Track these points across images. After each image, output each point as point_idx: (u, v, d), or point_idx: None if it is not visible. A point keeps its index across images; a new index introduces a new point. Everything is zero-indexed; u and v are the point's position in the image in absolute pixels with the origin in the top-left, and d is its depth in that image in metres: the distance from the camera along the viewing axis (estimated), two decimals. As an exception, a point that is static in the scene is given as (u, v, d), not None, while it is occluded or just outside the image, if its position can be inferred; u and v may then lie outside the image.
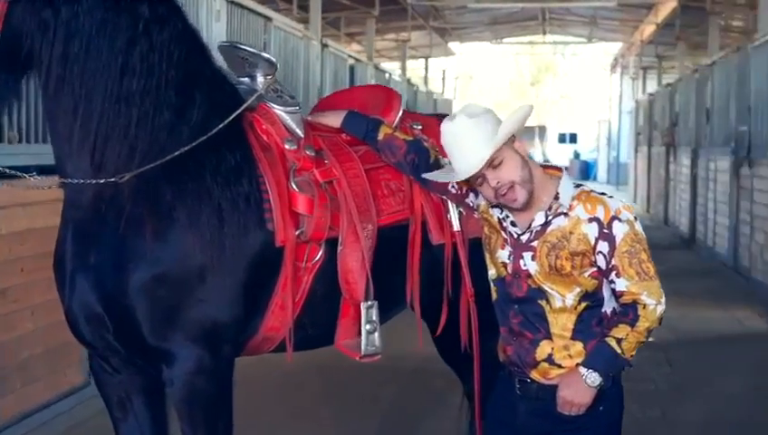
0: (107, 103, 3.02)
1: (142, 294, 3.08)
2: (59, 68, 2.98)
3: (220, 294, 3.16)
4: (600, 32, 30.01)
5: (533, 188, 2.97)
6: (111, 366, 3.32)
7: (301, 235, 3.29)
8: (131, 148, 3.07)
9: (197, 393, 3.17)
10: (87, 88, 3.00)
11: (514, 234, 3.05)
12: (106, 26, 3.00)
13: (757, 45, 11.52)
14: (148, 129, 3.08)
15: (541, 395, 3.02)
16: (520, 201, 2.96)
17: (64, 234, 3.24)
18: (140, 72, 3.05)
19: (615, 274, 2.92)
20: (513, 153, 2.97)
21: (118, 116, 3.04)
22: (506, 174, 2.94)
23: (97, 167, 3.06)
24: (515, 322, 3.05)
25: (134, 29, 3.03)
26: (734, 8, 19.40)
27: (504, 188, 2.94)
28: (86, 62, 2.98)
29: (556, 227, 2.97)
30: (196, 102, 3.19)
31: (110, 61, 3.01)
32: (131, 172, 3.06)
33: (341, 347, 3.44)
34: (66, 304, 3.21)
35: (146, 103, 3.06)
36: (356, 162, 3.47)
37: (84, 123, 3.02)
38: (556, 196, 2.99)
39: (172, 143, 3.12)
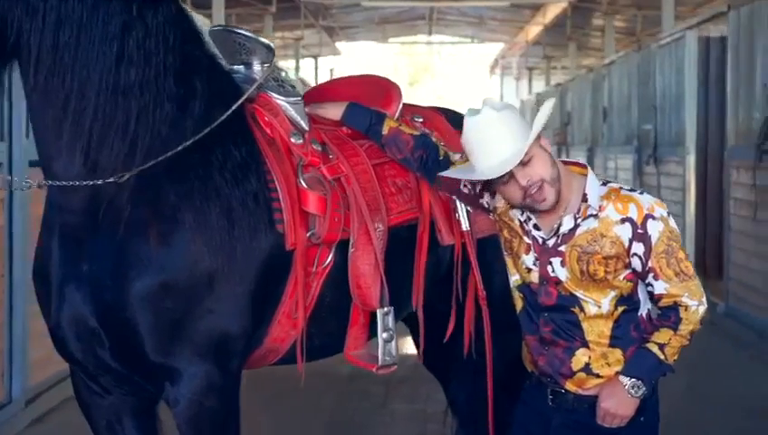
0: (102, 96, 2.70)
1: (146, 305, 2.76)
2: (49, 58, 2.64)
3: (230, 303, 2.86)
4: (484, 32, 30.28)
5: (561, 188, 2.77)
6: (101, 386, 2.98)
7: (312, 236, 3.01)
8: (131, 144, 2.76)
9: (206, 413, 2.86)
10: (80, 79, 2.68)
11: (539, 238, 2.84)
12: (98, 10, 2.68)
13: (663, 44, 11.68)
14: (149, 122, 2.77)
15: (577, 407, 2.83)
16: (549, 201, 2.76)
17: (48, 241, 2.88)
18: (137, 60, 2.74)
19: (653, 276, 2.75)
20: (542, 150, 2.76)
21: (115, 109, 2.72)
22: (537, 171, 2.72)
23: (92, 166, 2.74)
24: (546, 330, 2.84)
25: (128, 13, 2.72)
26: (626, 9, 19.75)
27: (535, 186, 2.72)
28: (78, 50, 2.66)
29: (586, 230, 2.78)
30: (197, 92, 2.89)
31: (104, 49, 2.69)
32: (132, 171, 2.74)
33: (353, 358, 3.16)
34: (53, 320, 2.86)
35: (145, 95, 2.75)
36: (362, 157, 3.20)
37: (77, 119, 2.69)
38: (584, 197, 2.80)
39: (175, 138, 2.82)
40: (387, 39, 31.33)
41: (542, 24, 23.84)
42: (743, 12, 8.85)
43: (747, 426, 5.63)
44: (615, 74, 14.55)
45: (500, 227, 3.00)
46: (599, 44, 27.45)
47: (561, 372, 2.83)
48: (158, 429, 3.13)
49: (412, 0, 22.49)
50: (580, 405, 2.82)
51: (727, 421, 5.79)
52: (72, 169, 2.74)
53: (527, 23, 25.74)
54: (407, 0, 22.38)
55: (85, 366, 2.93)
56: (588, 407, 2.80)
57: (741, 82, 8.90)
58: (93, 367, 2.91)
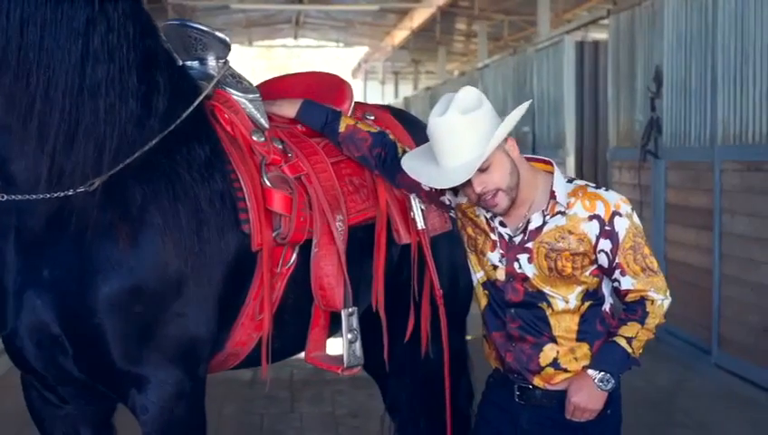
0: (68, 96, 2.56)
1: (114, 310, 2.63)
2: (14, 58, 2.50)
3: (199, 306, 2.76)
4: (350, 36, 30.38)
5: (517, 195, 2.76)
6: (58, 397, 2.83)
7: (277, 236, 2.93)
8: (99, 146, 2.63)
9: (176, 421, 2.76)
10: (45, 79, 2.53)
11: (506, 235, 2.84)
12: (62, 6, 2.54)
13: (540, 48, 11.95)
14: (115, 122, 2.64)
15: (545, 402, 2.83)
16: (501, 207, 2.75)
17: (1, 245, 2.71)
18: (102, 56, 2.61)
19: (620, 272, 2.77)
20: (504, 156, 2.73)
21: (83, 111, 2.59)
22: (493, 180, 2.71)
23: (58, 171, 2.60)
24: (514, 326, 2.84)
25: (91, 7, 2.58)
26: (494, 14, 20.17)
27: (489, 194, 2.72)
28: (43, 49, 2.52)
29: (553, 227, 2.78)
30: (159, 89, 2.77)
31: (68, 46, 2.56)
32: (102, 176, 2.62)
33: (315, 360, 3.08)
34: (8, 328, 2.70)
35: (110, 93, 2.62)
36: (321, 156, 3.13)
37: (43, 121, 2.55)
38: (552, 194, 2.80)
39: (140, 137, 2.70)
40: (252, 42, 31.06)
41: (410, 29, 24.07)
42: (622, 17, 9.14)
43: (647, 417, 5.83)
44: (489, 78, 14.81)
45: (462, 225, 2.98)
46: (464, 49, 28.00)
47: (528, 368, 2.83)
48: None
49: (281, 3, 22.34)
50: (549, 401, 2.82)
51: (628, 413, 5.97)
52: (36, 174, 2.60)
53: (394, 27, 25.95)
54: (275, 3, 22.21)
55: (43, 376, 2.78)
56: (556, 402, 2.81)
57: (621, 85, 9.19)
58: (53, 377, 2.77)
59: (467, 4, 19.63)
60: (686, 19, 7.70)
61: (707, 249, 7.21)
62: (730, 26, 6.92)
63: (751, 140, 6.68)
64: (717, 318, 7.06)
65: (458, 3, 19.70)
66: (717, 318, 7.06)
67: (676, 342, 7.54)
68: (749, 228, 6.66)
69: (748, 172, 6.68)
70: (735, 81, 6.86)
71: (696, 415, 6.08)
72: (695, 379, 6.96)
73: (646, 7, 8.54)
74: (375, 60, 33.84)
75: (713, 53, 7.17)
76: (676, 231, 7.91)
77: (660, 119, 8.04)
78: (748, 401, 6.40)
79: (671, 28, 7.93)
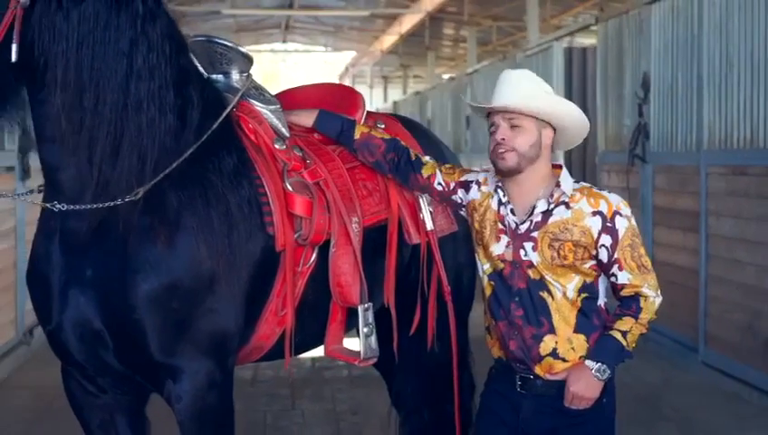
0: (115, 112, 2.79)
1: (153, 306, 2.85)
2: (71, 78, 2.72)
3: (228, 302, 2.98)
4: (339, 41, 30.58)
5: (525, 167, 3.01)
6: (97, 387, 3.05)
7: (299, 238, 3.15)
8: (142, 158, 2.85)
9: (208, 409, 2.97)
10: (95, 97, 2.76)
11: (513, 223, 3.06)
12: (110, 29, 2.77)
13: (529, 54, 12.19)
14: (155, 135, 2.87)
15: (545, 391, 3.04)
16: (507, 165, 3.01)
17: (47, 246, 2.93)
18: (144, 74, 2.84)
19: (617, 267, 3.00)
20: (535, 131, 3.01)
21: (127, 125, 2.82)
22: (516, 140, 2.99)
23: (104, 181, 2.83)
24: (517, 315, 3.05)
25: (134, 28, 2.82)
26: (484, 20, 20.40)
27: (504, 148, 2.98)
28: (95, 69, 2.75)
29: (558, 219, 3.02)
30: (193, 103, 3.00)
31: (116, 66, 2.79)
32: (145, 186, 2.84)
33: (335, 353, 3.31)
34: (54, 323, 2.91)
35: (151, 108, 2.85)
36: (338, 162, 3.36)
37: (92, 135, 2.78)
38: (557, 184, 3.05)
39: (177, 148, 2.93)
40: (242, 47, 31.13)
41: (399, 34, 24.29)
42: (610, 24, 9.38)
43: (637, 412, 6.04)
44: (479, 83, 15.04)
45: (472, 220, 3.21)
46: (452, 54, 28.22)
47: (530, 357, 3.04)
48: (147, 427, 3.21)
49: (272, 9, 22.52)
50: (549, 390, 3.03)
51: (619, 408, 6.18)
52: (82, 182, 2.82)
53: (383, 32, 26.17)
54: (268, 9, 22.39)
55: (84, 367, 2.99)
56: (556, 391, 3.02)
57: (609, 91, 9.42)
58: (94, 368, 2.98)
59: (456, 10, 19.86)
60: (672, 27, 7.93)
61: (694, 250, 7.43)
62: (715, 35, 7.14)
63: (735, 145, 6.91)
64: (704, 317, 7.27)
65: (447, 9, 19.94)
66: (704, 317, 7.27)
67: (664, 340, 7.75)
68: (734, 230, 6.87)
69: (733, 176, 6.90)
70: (720, 87, 7.08)
71: (683, 410, 6.31)
72: (682, 375, 7.19)
73: (633, 15, 8.77)
74: (363, 64, 34.03)
75: (698, 60, 7.40)
76: (663, 233, 8.13)
77: (648, 124, 8.27)
78: (733, 396, 6.65)
79: (658, 36, 8.16)
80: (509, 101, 2.99)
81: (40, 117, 2.81)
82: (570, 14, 19.23)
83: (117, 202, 2.82)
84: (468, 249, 3.63)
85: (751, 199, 6.63)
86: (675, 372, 7.25)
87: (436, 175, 3.34)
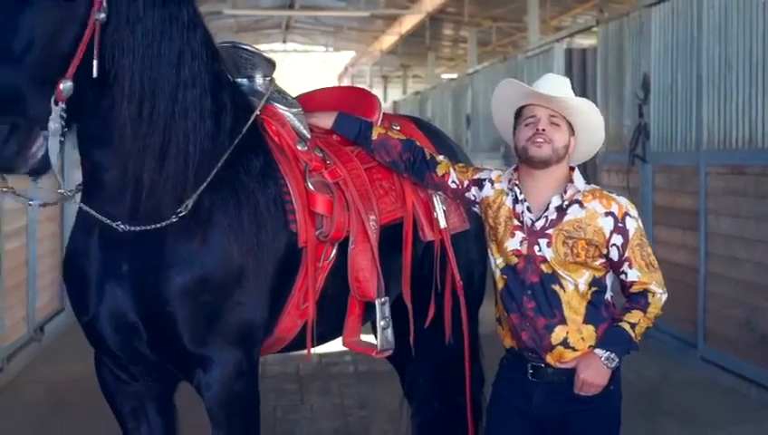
0: (166, 120, 2.94)
1: (185, 299, 3.00)
2: (138, 89, 2.87)
3: (255, 296, 3.13)
4: (339, 41, 30.72)
5: (555, 162, 3.17)
6: (129, 375, 3.20)
7: (320, 235, 3.30)
8: (186, 163, 3.00)
9: (235, 397, 3.13)
10: (151, 106, 2.90)
11: (528, 220, 3.21)
12: (165, 40, 2.91)
13: (530, 56, 12.33)
14: (197, 141, 3.02)
15: (556, 379, 3.19)
16: (542, 153, 3.15)
17: (84, 241, 3.08)
18: (189, 82, 2.98)
19: (627, 265, 3.16)
20: (567, 134, 3.19)
21: (176, 132, 2.96)
22: (554, 135, 3.15)
23: (151, 186, 2.97)
24: (529, 307, 3.20)
25: (182, 39, 2.96)
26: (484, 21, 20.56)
27: (541, 137, 3.14)
28: (153, 79, 2.89)
29: (573, 218, 3.17)
30: (226, 108, 3.15)
31: (168, 75, 2.93)
32: (192, 198, 3.01)
33: (352, 345, 3.46)
34: (90, 314, 3.06)
35: (194, 115, 3.00)
36: (356, 162, 3.51)
37: (146, 142, 2.92)
38: (571, 180, 3.22)
39: (214, 152, 3.08)
40: (242, 47, 31.23)
41: (398, 34, 24.45)
42: (611, 26, 9.52)
43: (638, 406, 6.18)
44: (479, 83, 15.19)
45: (485, 217, 3.36)
46: (451, 54, 28.36)
47: (542, 346, 3.19)
48: (175, 414, 3.37)
49: (273, 9, 22.66)
50: (559, 377, 3.18)
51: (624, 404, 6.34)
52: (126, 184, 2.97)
53: (383, 32, 26.32)
54: (269, 9, 22.53)
55: (118, 357, 3.14)
56: (566, 379, 3.17)
57: (610, 92, 9.56)
58: (127, 357, 3.13)
59: (456, 11, 20.01)
60: (672, 29, 8.07)
61: (693, 248, 7.58)
62: (714, 37, 7.29)
63: (734, 146, 7.06)
64: (703, 313, 7.43)
65: (447, 9, 20.09)
66: (703, 313, 7.43)
67: (664, 337, 7.90)
68: (732, 228, 7.02)
69: (731, 175, 7.05)
70: (719, 89, 7.23)
71: (682, 404, 6.47)
72: (681, 371, 7.35)
73: (634, 17, 8.91)
74: (362, 64, 34.16)
75: (698, 62, 7.54)
76: (663, 232, 8.27)
77: (648, 124, 8.41)
78: (731, 390, 6.81)
79: (658, 38, 8.30)
80: (566, 96, 3.18)
81: (101, 124, 2.90)
82: (569, 15, 19.38)
83: (171, 220, 2.98)
84: (479, 246, 3.78)
85: (749, 198, 6.78)
86: (674, 368, 7.40)
87: (450, 173, 3.49)
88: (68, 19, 2.69)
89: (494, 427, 3.32)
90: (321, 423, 6.10)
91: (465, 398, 3.86)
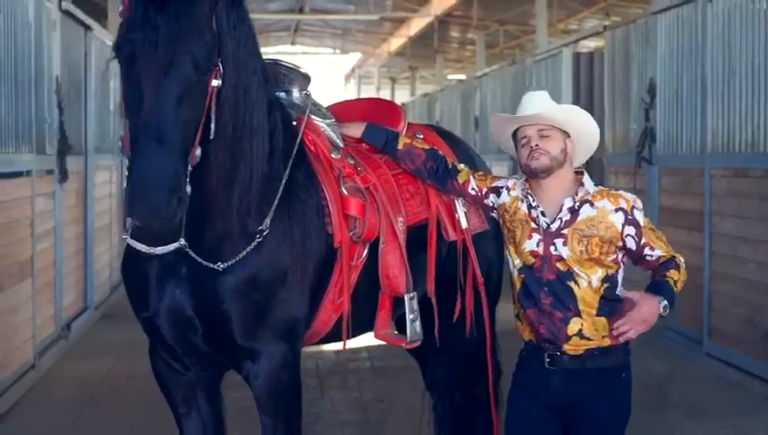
0: (249, 157, 3.30)
1: (238, 299, 3.30)
2: (231, 137, 3.20)
3: (298, 293, 3.42)
4: (347, 43, 30.97)
5: (556, 169, 3.44)
6: (183, 365, 3.48)
7: (353, 235, 3.58)
8: (256, 190, 3.33)
9: (281, 386, 3.42)
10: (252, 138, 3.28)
11: (544, 224, 3.48)
12: (250, 92, 3.24)
13: (538, 59, 12.58)
14: (259, 160, 3.33)
15: (571, 366, 3.45)
16: (542, 163, 3.43)
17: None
18: (258, 105, 3.30)
19: (649, 248, 3.45)
20: (561, 140, 3.45)
21: (258, 157, 3.32)
22: (547, 146, 3.42)
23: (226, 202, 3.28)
24: (546, 302, 3.46)
25: (262, 89, 3.30)
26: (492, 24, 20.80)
27: (538, 151, 3.42)
28: (243, 127, 3.25)
29: (586, 217, 3.44)
30: (277, 127, 3.44)
31: (252, 121, 3.28)
32: (269, 216, 3.35)
33: (384, 336, 3.74)
34: (151, 310, 3.35)
35: (258, 137, 3.32)
36: (384, 169, 3.79)
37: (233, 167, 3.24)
38: (581, 184, 3.49)
39: (271, 170, 3.39)
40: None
41: (407, 36, 24.70)
42: (617, 32, 9.77)
43: (646, 400, 6.42)
44: (488, 86, 15.44)
45: (503, 221, 3.63)
46: (459, 56, 28.59)
47: (559, 337, 3.45)
48: (221, 401, 3.68)
49: (285, 13, 22.92)
50: (575, 364, 3.45)
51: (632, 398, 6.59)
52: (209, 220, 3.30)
53: (390, 34, 26.57)
54: (279, 13, 22.79)
55: (173, 349, 3.43)
56: (581, 365, 3.44)
57: (617, 96, 9.81)
58: (183, 349, 3.42)
59: (464, 14, 20.25)
60: (677, 35, 8.32)
61: (698, 248, 7.81)
62: (718, 44, 7.54)
63: (737, 149, 7.30)
64: (708, 311, 7.66)
65: (455, 13, 20.34)
66: (708, 311, 7.66)
67: (670, 334, 8.15)
68: (736, 229, 7.27)
69: (735, 178, 7.30)
70: (723, 93, 7.48)
71: (688, 397, 6.72)
72: (688, 367, 7.59)
73: (640, 24, 9.17)
74: (369, 65, 34.40)
75: (702, 67, 7.79)
76: (669, 232, 8.40)
77: (654, 128, 8.67)
78: (735, 384, 7.07)
79: (664, 44, 8.55)
80: (543, 111, 3.45)
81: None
82: (576, 19, 19.63)
83: (258, 240, 3.31)
84: (496, 246, 4.06)
85: (752, 200, 7.02)
86: (681, 364, 7.65)
87: (470, 181, 3.77)
88: (202, 92, 2.99)
89: (514, 412, 3.57)
90: (341, 416, 6.36)
91: (482, 389, 4.13)
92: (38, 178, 7.37)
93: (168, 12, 2.89)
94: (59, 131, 8.03)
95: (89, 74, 9.59)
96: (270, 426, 3.43)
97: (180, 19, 2.90)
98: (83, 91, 9.42)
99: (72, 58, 8.88)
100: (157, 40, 2.87)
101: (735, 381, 7.11)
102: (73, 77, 8.93)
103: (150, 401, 6.34)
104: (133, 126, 2.92)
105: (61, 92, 8.05)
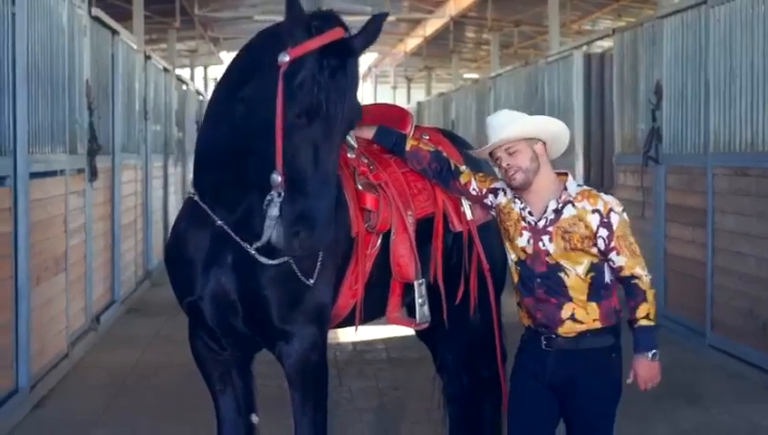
0: None
1: (276, 285, 3.66)
2: None
3: (326, 281, 3.78)
4: (363, 43, 31.13)
5: (533, 178, 3.76)
6: (220, 345, 3.85)
7: (368, 227, 3.92)
8: None
9: (311, 365, 3.78)
10: None
11: (532, 222, 3.82)
12: None
13: (550, 61, 12.87)
14: None
15: (566, 346, 3.78)
16: (518, 181, 3.77)
17: (195, 233, 3.75)
18: None
19: (615, 253, 3.76)
20: (529, 149, 3.76)
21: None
22: (515, 161, 3.76)
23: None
24: (541, 291, 3.80)
25: None
26: (506, 25, 21.08)
27: (512, 170, 3.76)
28: None
29: (568, 216, 3.77)
30: None
31: None
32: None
33: (395, 319, 4.10)
34: (196, 295, 3.73)
35: None
36: (394, 167, 4.14)
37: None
38: (564, 188, 3.81)
39: None
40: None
41: (422, 37, 25.00)
42: (626, 35, 10.05)
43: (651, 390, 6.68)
44: (502, 86, 15.74)
45: (501, 220, 3.96)
46: (473, 56, 28.86)
47: (554, 321, 3.79)
48: (252, 380, 4.06)
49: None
50: (569, 344, 3.78)
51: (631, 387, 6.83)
52: None
53: (407, 35, 26.87)
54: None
55: (213, 331, 3.80)
56: (575, 345, 3.77)
57: (625, 97, 10.08)
58: (222, 331, 3.79)
59: (479, 15, 20.54)
60: (682, 39, 8.60)
61: (701, 244, 8.10)
62: (720, 47, 7.82)
63: (738, 149, 7.58)
64: (710, 304, 7.95)
65: (470, 14, 20.63)
66: (710, 304, 7.95)
67: (674, 326, 8.44)
68: (737, 225, 7.55)
69: (736, 176, 7.58)
70: (725, 96, 7.76)
71: (690, 386, 7.00)
72: (690, 357, 7.88)
73: (647, 27, 9.44)
74: (385, 65, 34.67)
75: (705, 70, 8.07)
76: (674, 228, 8.79)
77: (660, 128, 8.94)
78: (736, 374, 7.36)
79: (670, 46, 8.83)
80: (501, 136, 3.77)
81: None
82: (588, 20, 19.89)
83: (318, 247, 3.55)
84: (500, 239, 4.39)
85: (752, 198, 7.30)
86: (684, 354, 7.91)
87: (471, 182, 4.11)
88: None
89: (515, 390, 3.91)
90: (359, 403, 6.67)
91: (488, 371, 4.47)
92: (71, 176, 7.74)
93: (349, 73, 3.40)
94: (89, 132, 8.40)
95: (116, 76, 9.97)
96: (299, 401, 3.80)
97: (355, 79, 3.42)
98: (110, 92, 9.80)
99: (100, 61, 9.24)
100: (344, 102, 3.36)
101: (736, 371, 7.39)
102: (101, 79, 9.29)
103: (177, 388, 6.76)
104: (301, 168, 3.34)
105: (90, 94, 8.42)
